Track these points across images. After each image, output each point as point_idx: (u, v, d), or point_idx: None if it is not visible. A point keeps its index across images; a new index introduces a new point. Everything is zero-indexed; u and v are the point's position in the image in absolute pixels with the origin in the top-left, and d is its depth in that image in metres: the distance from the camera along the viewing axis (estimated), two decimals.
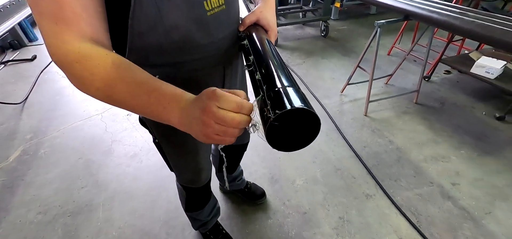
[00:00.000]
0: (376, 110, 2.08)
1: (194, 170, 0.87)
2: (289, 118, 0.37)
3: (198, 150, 0.81)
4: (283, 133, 0.39)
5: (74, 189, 1.54)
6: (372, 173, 1.55)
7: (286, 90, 0.39)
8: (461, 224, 1.30)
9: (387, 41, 3.09)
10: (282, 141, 0.40)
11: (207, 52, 0.60)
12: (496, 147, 1.72)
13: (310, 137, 0.40)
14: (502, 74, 2.04)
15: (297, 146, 0.42)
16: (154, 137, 0.78)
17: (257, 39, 0.59)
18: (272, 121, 0.35)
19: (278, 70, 0.45)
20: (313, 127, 0.39)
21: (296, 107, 0.35)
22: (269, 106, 0.37)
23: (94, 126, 2.05)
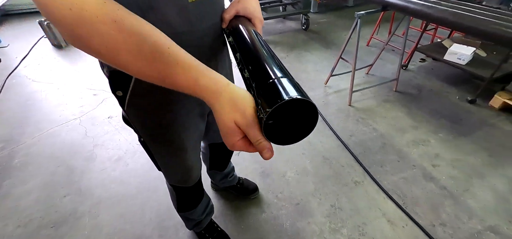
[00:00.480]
0: (359, 100, 2.15)
1: (183, 168, 0.84)
2: (283, 111, 0.36)
3: (186, 148, 0.77)
4: (281, 126, 0.38)
5: (55, 198, 1.46)
6: (359, 160, 1.61)
7: (276, 83, 0.37)
8: (442, 202, 1.39)
9: (365, 32, 3.18)
10: (281, 134, 0.39)
11: (186, 42, 0.53)
12: (470, 128, 1.84)
13: (309, 125, 0.39)
14: (472, 60, 2.18)
15: (298, 137, 0.40)
16: (140, 136, 0.75)
17: (242, 33, 0.55)
18: (266, 120, 0.34)
19: (267, 63, 0.43)
20: (310, 115, 0.37)
21: (286, 100, 0.33)
22: (260, 106, 0.36)
23: (73, 131, 1.94)
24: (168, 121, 0.68)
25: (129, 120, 0.70)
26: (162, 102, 0.64)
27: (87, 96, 2.31)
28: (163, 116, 0.67)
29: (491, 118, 1.92)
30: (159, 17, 0.49)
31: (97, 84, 2.47)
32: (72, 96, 2.32)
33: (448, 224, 1.29)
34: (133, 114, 0.67)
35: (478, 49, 2.30)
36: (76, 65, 2.83)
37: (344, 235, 1.25)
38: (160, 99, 0.63)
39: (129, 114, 0.67)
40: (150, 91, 0.60)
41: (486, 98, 2.04)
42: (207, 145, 1.13)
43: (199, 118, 0.77)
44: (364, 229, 1.28)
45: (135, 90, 0.60)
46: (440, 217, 1.32)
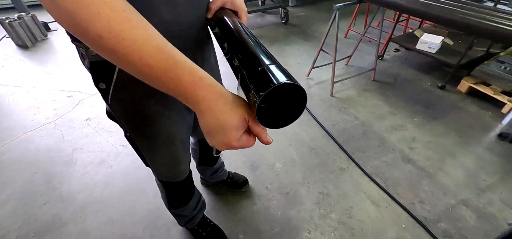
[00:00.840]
0: (340, 90, 2.23)
1: (171, 162, 0.83)
2: (275, 96, 0.38)
3: (173, 140, 0.76)
4: (272, 111, 0.40)
5: (35, 207, 1.38)
6: (343, 148, 1.68)
7: (267, 69, 0.38)
8: (420, 181, 1.49)
9: (343, 25, 3.28)
10: (272, 118, 0.40)
11: (173, 32, 0.54)
12: (441, 112, 1.98)
13: (298, 109, 0.40)
14: (441, 49, 2.34)
15: (287, 120, 0.41)
16: (125, 131, 0.72)
17: (228, 23, 0.56)
18: (259, 103, 0.35)
19: (256, 50, 0.44)
20: (299, 100, 0.39)
21: (281, 83, 0.35)
22: (253, 91, 0.37)
23: (48, 136, 1.83)
24: (154, 112, 0.67)
25: (114, 114, 0.67)
26: (147, 94, 0.62)
27: (61, 99, 2.19)
28: (149, 108, 0.65)
29: (459, 102, 2.08)
30: (147, 5, 0.48)
31: (72, 85, 2.34)
32: (44, 99, 2.18)
33: (426, 201, 1.39)
34: (117, 107, 0.64)
35: (446, 38, 2.47)
36: (45, 66, 2.65)
37: (333, 220, 1.31)
38: (145, 90, 0.61)
39: (114, 108, 0.65)
40: (135, 82, 0.58)
41: (454, 83, 2.21)
42: (196, 141, 1.13)
43: (186, 111, 0.77)
44: (351, 212, 1.34)
45: (119, 82, 0.58)
46: (419, 195, 1.42)
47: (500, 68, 2.02)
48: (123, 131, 0.73)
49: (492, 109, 1.98)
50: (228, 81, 0.97)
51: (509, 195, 1.40)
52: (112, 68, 0.56)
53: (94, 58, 0.54)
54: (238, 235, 1.26)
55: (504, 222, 1.29)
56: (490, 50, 2.34)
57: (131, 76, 0.40)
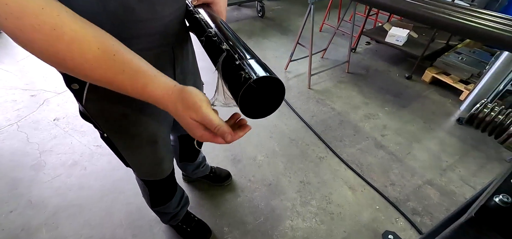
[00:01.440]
0: (317, 83, 2.30)
1: (153, 161, 0.81)
2: (261, 86, 0.40)
3: (156, 139, 0.75)
4: (252, 101, 0.43)
5: (0, 215, 1.27)
6: (321, 138, 1.75)
7: (248, 64, 0.42)
8: (391, 165, 1.60)
9: (317, 18, 3.36)
10: (252, 108, 0.43)
11: (151, 29, 0.54)
12: (408, 100, 2.13)
13: (277, 101, 0.44)
14: (407, 41, 2.50)
15: (264, 113, 0.45)
16: (102, 132, 0.69)
17: (211, 14, 0.58)
18: (253, 82, 0.38)
19: (240, 42, 0.48)
20: (278, 92, 0.43)
21: (260, 77, 0.38)
22: (247, 73, 0.39)
23: (11, 139, 1.68)
24: (134, 111, 0.65)
25: (89, 114, 0.64)
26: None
27: (23, 98, 2.01)
28: (127, 108, 0.63)
29: (423, 91, 2.25)
30: (121, 3, 0.47)
31: (34, 83, 2.16)
32: (3, 99, 2.00)
33: (396, 183, 1.50)
34: (93, 108, 0.62)
35: (411, 31, 2.64)
36: (2, 64, 2.41)
37: (314, 206, 1.37)
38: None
39: (89, 109, 0.62)
40: None
41: (419, 74, 2.38)
42: (176, 137, 1.11)
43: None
44: (330, 198, 1.41)
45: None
46: (390, 178, 1.53)
47: (458, 59, 2.22)
48: (100, 133, 0.70)
49: (452, 97, 2.17)
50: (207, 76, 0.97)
51: (467, 173, 1.56)
52: None
53: None
54: (223, 228, 1.27)
55: (463, 197, 1.44)
56: (450, 42, 2.55)
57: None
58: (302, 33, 2.17)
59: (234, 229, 1.27)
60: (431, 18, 1.67)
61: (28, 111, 1.89)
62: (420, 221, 1.32)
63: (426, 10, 1.70)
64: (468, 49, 2.36)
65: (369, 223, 1.31)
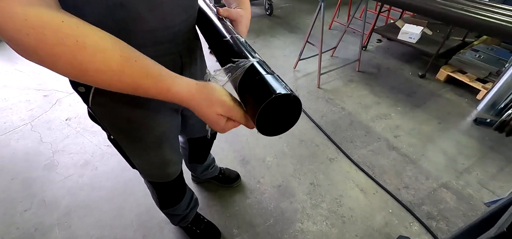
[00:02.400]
0: (327, 82, 2.26)
1: (159, 164, 0.80)
2: (273, 106, 0.40)
3: (161, 143, 0.74)
4: (269, 119, 0.42)
5: (14, 215, 1.30)
6: (332, 139, 1.71)
7: (264, 79, 0.41)
8: (404, 167, 1.56)
9: (326, 16, 3.30)
10: (268, 125, 0.43)
11: (160, 38, 0.54)
12: (422, 100, 2.07)
13: (294, 116, 0.44)
14: (420, 39, 2.42)
15: (284, 127, 0.45)
16: (109, 133, 0.70)
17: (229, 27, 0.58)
18: (258, 116, 0.38)
19: (254, 62, 0.47)
20: (294, 108, 0.42)
21: (279, 95, 0.37)
22: (252, 100, 0.39)
23: (24, 139, 1.72)
24: (138, 116, 0.65)
25: (96, 117, 0.65)
26: (130, 97, 0.60)
27: (37, 98, 2.06)
28: (132, 112, 0.63)
29: (438, 89, 2.18)
30: (130, 14, 0.46)
31: (47, 83, 2.20)
32: (17, 100, 2.04)
33: (410, 186, 1.45)
34: (99, 111, 0.62)
35: (425, 28, 2.56)
36: (16, 65, 2.47)
37: (324, 209, 1.34)
38: (128, 94, 0.60)
39: (95, 111, 0.63)
40: None
41: (433, 72, 2.30)
42: (185, 140, 1.10)
43: (173, 112, 0.75)
44: (341, 200, 1.38)
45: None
46: (404, 181, 1.48)
47: (475, 56, 2.13)
48: (107, 134, 0.71)
49: (468, 96, 2.09)
50: None
51: (485, 176, 1.50)
52: None
53: None
54: (232, 230, 1.26)
55: (481, 202, 1.38)
56: (466, 39, 2.46)
57: None
58: (311, 31, 2.13)
59: (243, 231, 1.25)
60: (447, 14, 1.61)
61: (41, 111, 1.93)
62: (435, 226, 1.28)
63: (441, 6, 1.64)
64: (486, 46, 2.26)
65: (382, 227, 1.27)
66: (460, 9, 1.58)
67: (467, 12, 1.57)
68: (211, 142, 1.13)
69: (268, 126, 0.43)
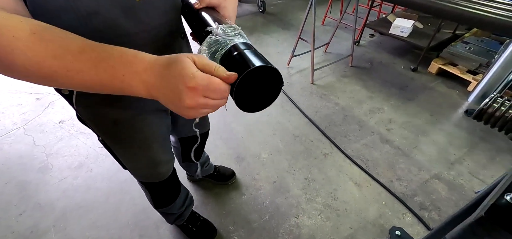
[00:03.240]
0: (320, 78, 2.27)
1: (149, 164, 0.80)
2: (250, 80, 0.39)
3: (149, 143, 0.74)
4: (249, 94, 0.42)
5: (9, 218, 1.30)
6: (326, 134, 1.73)
7: (243, 54, 0.40)
8: (397, 160, 1.58)
9: (319, 12, 3.32)
10: (245, 100, 0.42)
11: (140, 41, 0.53)
12: (414, 93, 2.09)
13: (275, 91, 0.43)
14: (412, 32, 2.44)
15: (265, 103, 0.44)
16: (98, 135, 0.70)
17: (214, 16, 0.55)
18: (237, 86, 0.37)
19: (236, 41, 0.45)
20: (275, 82, 0.42)
21: (256, 67, 0.37)
22: (243, 59, 0.39)
23: (17, 142, 1.71)
24: (124, 117, 0.65)
25: (84, 119, 0.65)
26: (114, 98, 0.59)
27: (29, 102, 2.04)
28: (118, 113, 0.63)
29: (430, 82, 2.20)
30: (105, 21, 0.46)
31: (39, 87, 2.18)
32: (9, 103, 2.02)
33: (403, 178, 1.48)
34: (85, 112, 0.62)
35: (416, 22, 2.58)
36: None
37: (319, 203, 1.36)
38: (112, 95, 0.60)
39: (82, 114, 0.63)
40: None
41: (425, 65, 2.33)
42: (177, 139, 1.10)
43: (161, 112, 0.75)
44: (335, 194, 1.40)
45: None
46: (396, 173, 1.50)
47: (465, 48, 2.16)
48: (96, 135, 0.71)
49: (459, 88, 2.13)
50: None
51: (475, 166, 1.53)
52: None
53: None
54: (228, 227, 1.27)
55: (472, 191, 1.41)
56: (456, 32, 2.49)
57: None
58: (304, 28, 2.14)
59: (239, 227, 1.27)
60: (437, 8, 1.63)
61: (33, 115, 1.92)
62: (427, 216, 1.30)
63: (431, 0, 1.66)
64: (476, 38, 2.30)
65: (376, 219, 1.30)
66: (450, 2, 1.60)
67: (457, 5, 1.59)
68: (204, 140, 1.13)
69: (248, 101, 0.42)
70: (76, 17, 0.43)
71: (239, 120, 1.84)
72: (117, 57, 0.37)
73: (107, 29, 0.47)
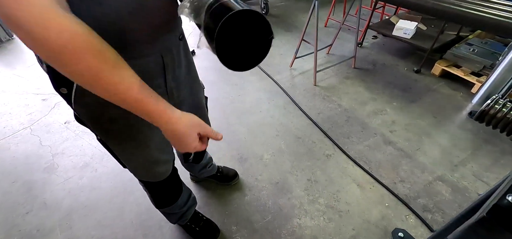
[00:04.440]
0: (323, 79, 2.28)
1: (146, 164, 0.81)
2: (233, 29, 0.36)
3: (148, 143, 0.75)
4: (234, 46, 0.39)
5: (16, 217, 1.32)
6: (328, 135, 1.73)
7: (223, 3, 0.38)
8: (400, 161, 1.58)
9: (322, 14, 3.32)
10: (235, 56, 0.40)
11: (138, 38, 0.55)
12: (417, 95, 2.09)
13: (264, 47, 0.40)
14: (415, 34, 2.44)
15: (257, 57, 0.41)
16: (96, 134, 0.71)
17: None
18: (217, 35, 0.34)
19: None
20: (264, 33, 0.39)
21: (250, 10, 0.34)
22: (211, 25, 0.36)
23: (24, 142, 1.74)
24: (121, 116, 0.65)
25: (81, 118, 0.66)
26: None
27: (35, 102, 2.07)
28: (115, 112, 0.64)
29: (433, 84, 2.20)
30: (107, 12, 0.47)
31: (45, 87, 2.22)
32: (16, 104, 2.06)
33: (406, 180, 1.47)
34: (83, 112, 0.63)
35: (420, 24, 2.58)
36: (14, 69, 2.49)
37: (322, 204, 1.36)
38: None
39: (79, 113, 0.63)
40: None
41: (428, 67, 2.32)
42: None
43: None
44: (338, 196, 1.40)
45: (80, 87, 0.56)
46: (400, 175, 1.50)
47: (469, 50, 2.15)
48: (95, 135, 0.71)
49: (463, 90, 2.12)
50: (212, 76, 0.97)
51: (480, 168, 1.52)
52: None
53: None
54: (231, 227, 1.28)
55: (476, 194, 1.40)
56: (460, 33, 2.48)
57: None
58: (306, 30, 2.15)
59: (242, 228, 1.27)
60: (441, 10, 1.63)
61: (40, 115, 1.95)
62: (431, 218, 1.30)
63: (435, 2, 1.66)
64: (480, 40, 2.29)
65: (379, 220, 1.29)
66: (452, 4, 1.60)
67: (459, 7, 1.59)
68: None
69: (235, 56, 0.39)
70: (81, 3, 0.44)
71: (242, 121, 1.85)
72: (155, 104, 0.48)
73: (107, 22, 0.48)
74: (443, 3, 1.63)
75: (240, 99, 2.06)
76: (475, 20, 1.52)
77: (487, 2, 1.53)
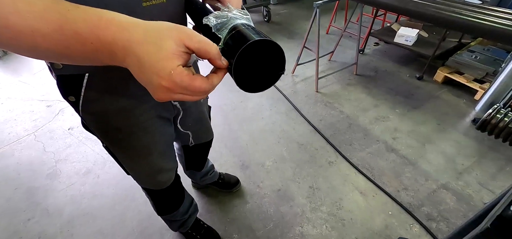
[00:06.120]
0: (325, 86, 2.28)
1: (149, 172, 0.82)
2: (250, 56, 0.37)
3: (151, 151, 0.76)
4: (247, 71, 0.40)
5: (18, 224, 1.32)
6: (330, 142, 1.72)
7: (241, 31, 0.39)
8: (403, 169, 1.56)
9: (324, 21, 3.34)
10: (247, 80, 0.41)
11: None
12: (420, 101, 2.08)
13: (278, 68, 0.42)
14: (417, 41, 2.44)
15: (268, 82, 0.42)
16: (102, 141, 0.72)
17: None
18: (236, 61, 0.35)
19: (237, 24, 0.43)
20: (277, 60, 0.40)
21: (254, 40, 0.35)
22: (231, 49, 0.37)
23: (28, 149, 1.75)
24: (127, 125, 0.67)
25: (88, 125, 0.67)
26: (119, 106, 0.62)
27: (40, 109, 2.09)
28: (122, 120, 0.65)
29: (436, 91, 2.19)
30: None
31: (50, 94, 2.25)
32: (21, 110, 2.08)
33: (409, 188, 1.46)
34: (90, 120, 0.64)
35: (421, 31, 2.58)
36: (20, 76, 2.52)
37: (324, 212, 1.35)
38: (117, 103, 0.62)
39: (86, 120, 0.65)
40: (105, 94, 0.59)
41: (431, 74, 2.32)
42: (181, 146, 1.11)
43: (164, 121, 0.76)
44: (340, 203, 1.39)
45: (88, 95, 0.57)
46: (403, 183, 1.49)
47: (471, 57, 2.15)
48: (101, 141, 0.73)
49: (466, 97, 2.10)
50: None
51: (485, 176, 1.50)
52: (80, 81, 0.55)
53: (60, 72, 0.53)
54: (232, 235, 1.27)
55: (481, 202, 1.38)
56: (462, 40, 2.48)
57: (100, 88, 0.39)
58: (308, 37, 2.16)
59: (243, 235, 1.26)
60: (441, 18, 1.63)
61: (44, 122, 1.97)
62: (435, 227, 1.28)
63: (436, 10, 1.67)
64: (482, 47, 2.28)
65: (382, 229, 1.28)
66: (453, 12, 1.60)
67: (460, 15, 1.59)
68: (207, 149, 1.14)
69: (248, 79, 0.40)
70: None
71: (244, 128, 1.86)
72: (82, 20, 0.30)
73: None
74: (444, 11, 1.63)
75: (242, 106, 2.07)
76: (476, 27, 1.52)
77: (489, 11, 1.53)
